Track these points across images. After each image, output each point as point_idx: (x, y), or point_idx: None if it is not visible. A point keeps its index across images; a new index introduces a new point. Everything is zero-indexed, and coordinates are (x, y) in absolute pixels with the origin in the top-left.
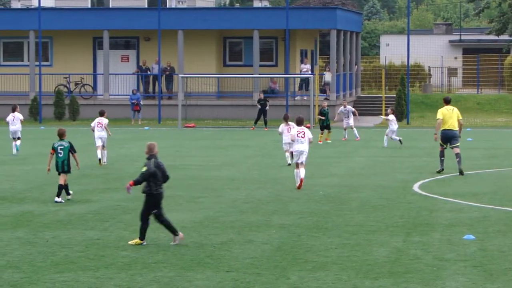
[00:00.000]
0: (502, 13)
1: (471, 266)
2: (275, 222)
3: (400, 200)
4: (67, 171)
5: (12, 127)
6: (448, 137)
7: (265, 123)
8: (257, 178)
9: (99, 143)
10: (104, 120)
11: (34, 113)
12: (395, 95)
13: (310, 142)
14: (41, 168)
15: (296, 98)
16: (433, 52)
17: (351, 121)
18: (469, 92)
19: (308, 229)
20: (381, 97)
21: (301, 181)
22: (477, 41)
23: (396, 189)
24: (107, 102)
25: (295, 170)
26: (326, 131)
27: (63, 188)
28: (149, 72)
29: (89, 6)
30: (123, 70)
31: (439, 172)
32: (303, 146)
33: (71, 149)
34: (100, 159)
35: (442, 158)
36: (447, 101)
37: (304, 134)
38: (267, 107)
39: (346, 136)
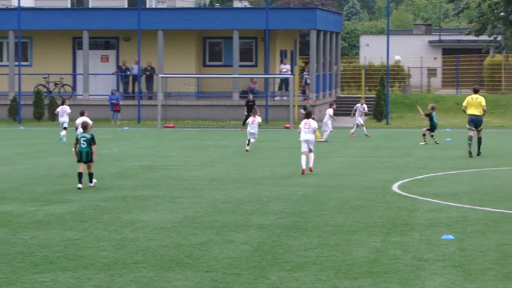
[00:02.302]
0: (482, 13)
1: (450, 266)
2: (254, 222)
3: (380, 200)
4: (90, 160)
5: (60, 119)
6: (473, 121)
7: None
8: (236, 178)
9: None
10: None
11: (13, 113)
12: (374, 95)
13: (314, 132)
14: (21, 168)
15: (276, 99)
16: (412, 53)
17: (362, 119)
18: (449, 92)
19: (287, 229)
20: (360, 97)
21: (310, 169)
22: (456, 41)
23: (376, 189)
24: (87, 102)
25: (302, 156)
26: None
27: (82, 176)
28: (128, 72)
29: (69, 6)
30: (102, 70)
31: (470, 153)
32: (308, 136)
33: (92, 141)
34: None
35: (469, 142)
36: (474, 91)
37: (309, 125)
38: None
39: (353, 132)
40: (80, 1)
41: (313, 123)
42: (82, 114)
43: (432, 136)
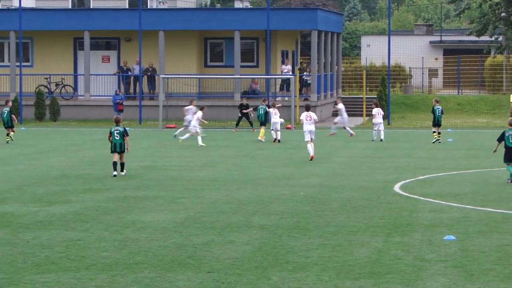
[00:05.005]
0: (483, 14)
1: (452, 267)
2: (255, 222)
3: (381, 200)
4: (123, 151)
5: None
6: None
7: (251, 124)
8: (237, 178)
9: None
10: (199, 113)
11: (14, 114)
12: (375, 96)
13: (315, 122)
14: (22, 168)
15: (277, 99)
16: (413, 53)
17: (381, 123)
18: (450, 93)
19: (289, 229)
20: (362, 97)
21: (312, 157)
22: (457, 42)
23: (377, 190)
24: (88, 103)
25: (307, 145)
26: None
27: (116, 164)
28: (130, 73)
29: (70, 6)
30: (104, 71)
31: None
32: (311, 127)
33: (125, 133)
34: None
35: None
36: None
37: (310, 117)
38: (251, 117)
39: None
40: (81, 2)
41: (313, 115)
42: (202, 109)
43: (439, 133)
